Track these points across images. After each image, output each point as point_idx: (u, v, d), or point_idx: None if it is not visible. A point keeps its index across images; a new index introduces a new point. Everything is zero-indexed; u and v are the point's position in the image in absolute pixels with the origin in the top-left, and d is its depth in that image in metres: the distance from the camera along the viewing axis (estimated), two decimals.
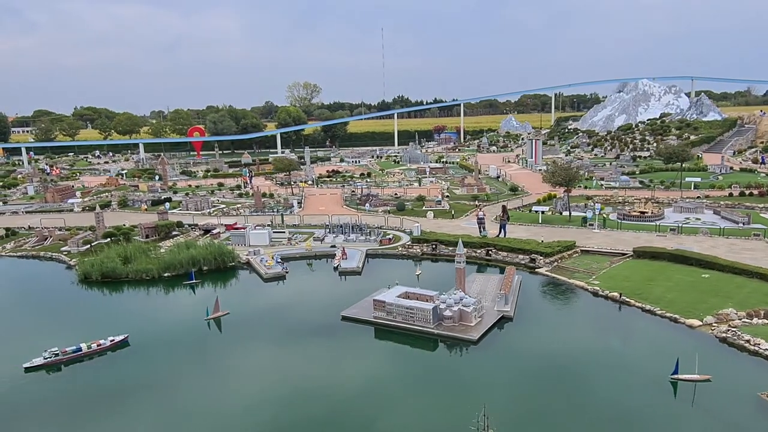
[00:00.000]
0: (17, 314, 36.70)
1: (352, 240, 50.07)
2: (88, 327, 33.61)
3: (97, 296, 40.62)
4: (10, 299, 40.15)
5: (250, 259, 45.85)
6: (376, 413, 23.40)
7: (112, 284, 42.36)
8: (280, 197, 71.25)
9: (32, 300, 39.86)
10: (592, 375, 25.76)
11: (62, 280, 44.96)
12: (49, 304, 38.74)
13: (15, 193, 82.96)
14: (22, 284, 44.56)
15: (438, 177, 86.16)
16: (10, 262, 50.58)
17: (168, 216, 57.00)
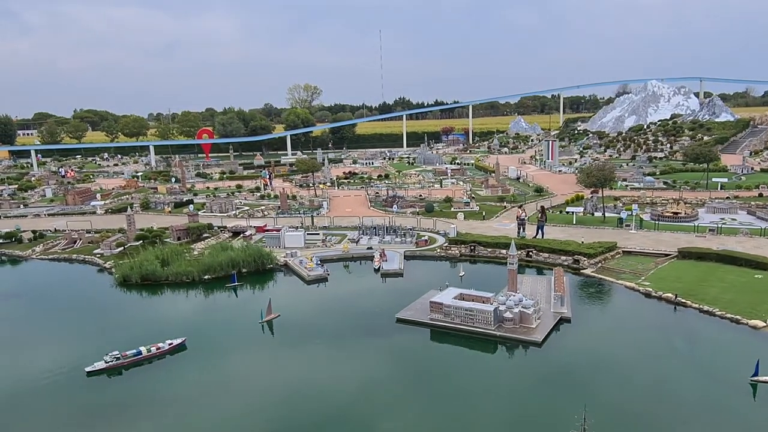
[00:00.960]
0: (68, 317, 36.24)
1: (387, 242, 49.71)
2: (141, 330, 33.21)
3: (142, 299, 40.17)
4: (57, 302, 39.70)
5: (288, 261, 45.48)
6: (459, 414, 23.04)
7: (152, 287, 41.91)
8: (303, 199, 70.91)
9: (79, 303, 39.41)
10: (667, 377, 25.43)
11: (100, 283, 44.50)
12: (96, 307, 38.27)
13: (33, 196, 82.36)
14: (62, 287, 44.06)
15: (458, 178, 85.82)
16: (43, 264, 50.12)
17: (198, 218, 56.52)
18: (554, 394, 24.34)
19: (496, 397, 24.62)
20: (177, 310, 37.54)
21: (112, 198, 77.12)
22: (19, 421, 23.70)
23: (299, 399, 24.94)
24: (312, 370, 27.97)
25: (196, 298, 39.71)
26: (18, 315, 37.39)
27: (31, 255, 52.56)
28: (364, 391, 25.52)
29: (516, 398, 24.56)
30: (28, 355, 30.31)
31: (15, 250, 53.33)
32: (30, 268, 49.56)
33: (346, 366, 28.46)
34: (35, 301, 40.17)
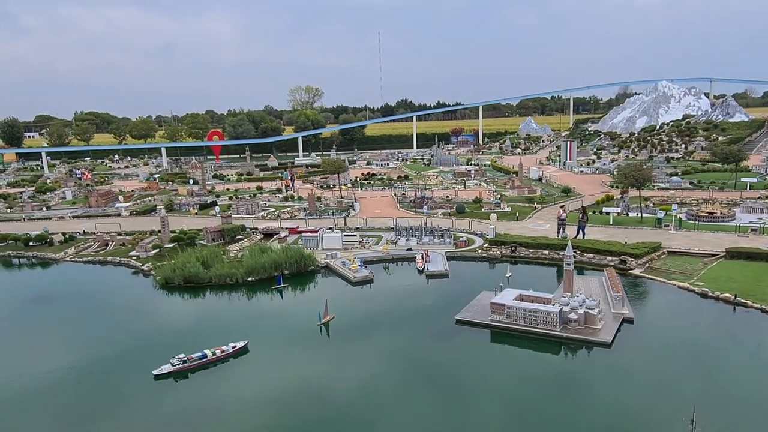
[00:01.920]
0: (121, 320, 35.78)
1: (425, 243, 49.35)
2: (197, 333, 32.87)
3: (190, 301, 39.79)
4: (105, 305, 39.24)
5: (329, 262, 45.11)
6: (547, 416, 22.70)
7: (195, 289, 41.48)
8: (328, 200, 70.53)
9: (128, 306, 38.94)
10: (752, 379, 25.12)
11: (141, 285, 44.14)
12: (147, 309, 37.92)
13: (53, 198, 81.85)
14: (105, 290, 43.56)
15: (479, 179, 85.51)
16: (78, 267, 49.68)
17: (231, 220, 56.13)
18: (637, 396, 24.00)
19: (576, 399, 24.30)
20: (230, 312, 37.15)
21: (134, 200, 76.63)
22: (99, 424, 23.29)
23: (372, 402, 24.60)
24: (379, 372, 27.59)
25: (247, 300, 39.35)
26: (71, 318, 36.94)
27: (64, 257, 52.18)
28: (438, 392, 25.18)
29: (598, 400, 24.23)
30: (94, 357, 29.86)
31: (47, 253, 52.91)
32: (66, 271, 49.12)
33: (415, 367, 28.06)
34: (83, 303, 39.73)
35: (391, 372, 27.57)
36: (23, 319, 36.98)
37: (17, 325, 36.06)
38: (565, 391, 25.10)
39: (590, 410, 23.35)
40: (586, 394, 24.94)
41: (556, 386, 25.56)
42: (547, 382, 25.96)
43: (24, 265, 52.30)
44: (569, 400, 24.21)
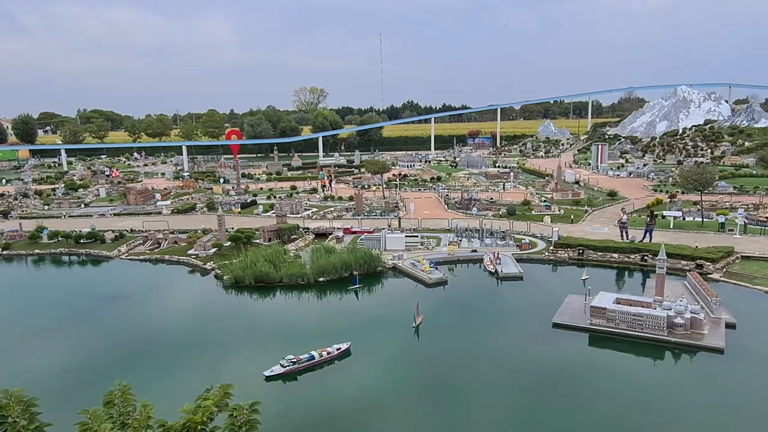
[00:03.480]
0: (208, 321, 35.20)
1: (488, 245, 48.84)
2: (288, 334, 32.34)
3: (270, 301, 39.25)
4: (185, 304, 38.75)
5: (396, 263, 44.56)
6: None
7: (265, 289, 40.94)
8: (369, 200, 69.94)
9: (208, 305, 38.41)
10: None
11: (205, 284, 43.62)
12: (229, 309, 37.35)
13: (87, 195, 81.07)
14: (174, 289, 43.12)
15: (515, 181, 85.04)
16: (135, 265, 49.09)
17: (287, 219, 55.51)
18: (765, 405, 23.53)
19: (695, 405, 23.83)
20: (319, 313, 36.63)
21: (171, 198, 75.93)
22: None
23: (483, 406, 24.18)
24: (482, 375, 27.07)
25: (329, 301, 38.90)
26: (161, 316, 36.24)
27: (118, 255, 51.56)
28: (545, 395, 24.72)
29: (719, 406, 23.70)
30: (211, 359, 29.25)
31: (101, 250, 52.27)
32: (125, 269, 48.47)
33: (518, 370, 27.59)
34: (162, 302, 39.19)
35: (495, 375, 27.06)
36: (111, 319, 36.19)
37: (108, 325, 35.30)
38: (679, 396, 24.74)
39: (712, 414, 22.88)
40: (704, 400, 24.47)
41: (668, 392, 25.20)
42: (657, 388, 25.62)
43: (77, 263, 51.71)
44: (688, 405, 23.84)
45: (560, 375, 27.19)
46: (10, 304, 40.29)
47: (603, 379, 26.81)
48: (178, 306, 38.32)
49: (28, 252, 53.30)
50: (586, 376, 27.08)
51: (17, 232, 56.38)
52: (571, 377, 26.94)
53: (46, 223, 61.08)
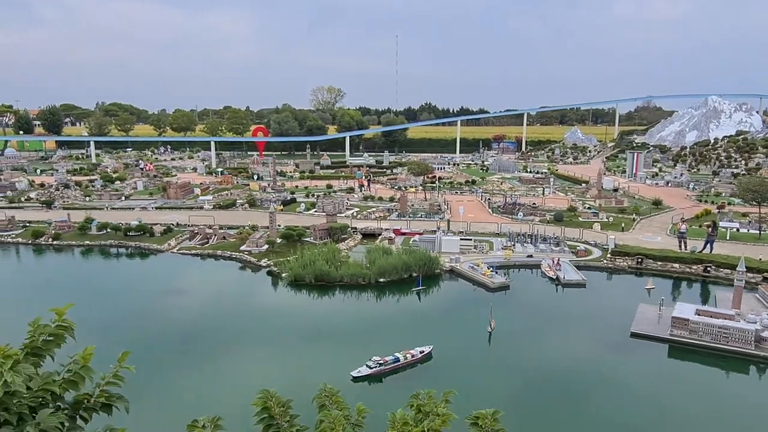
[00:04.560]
0: (282, 317, 35.06)
1: (543, 250, 48.34)
2: (365, 336, 32.09)
3: (334, 301, 39.07)
4: (253, 302, 38.65)
5: (453, 266, 44.21)
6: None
7: (325, 288, 40.71)
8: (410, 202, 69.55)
9: (278, 304, 38.44)
10: None
11: (261, 281, 43.59)
12: (299, 308, 37.25)
13: (125, 188, 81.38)
14: (235, 285, 43.03)
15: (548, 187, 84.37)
16: (186, 259, 49.11)
17: (336, 219, 55.31)
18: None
19: None
20: (385, 314, 36.47)
21: (211, 194, 76.04)
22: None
23: (571, 418, 23.71)
24: (562, 383, 26.65)
25: (396, 301, 38.72)
26: (222, 314, 36.08)
27: (169, 249, 51.62)
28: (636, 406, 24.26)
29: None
30: (303, 358, 29.09)
31: (151, 244, 52.34)
32: (178, 263, 48.53)
33: (601, 379, 27.19)
34: (222, 299, 38.99)
35: (582, 385, 26.63)
36: (176, 314, 36.12)
37: (173, 319, 35.18)
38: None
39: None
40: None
41: (758, 406, 24.81)
42: (744, 399, 25.25)
43: (126, 255, 51.83)
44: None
45: (642, 384, 26.83)
46: (69, 293, 40.33)
47: (687, 392, 26.47)
48: (242, 302, 38.18)
49: (78, 243, 53.48)
50: (667, 386, 26.71)
51: (66, 223, 56.60)
52: (654, 387, 26.57)
53: (89, 214, 61.25)
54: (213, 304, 37.82)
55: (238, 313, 35.75)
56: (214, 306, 37.32)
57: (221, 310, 36.36)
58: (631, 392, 25.93)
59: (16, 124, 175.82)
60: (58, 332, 4.38)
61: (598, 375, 27.92)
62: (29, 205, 69.17)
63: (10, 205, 68.77)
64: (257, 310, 36.52)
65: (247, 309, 36.57)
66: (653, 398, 25.31)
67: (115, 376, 4.42)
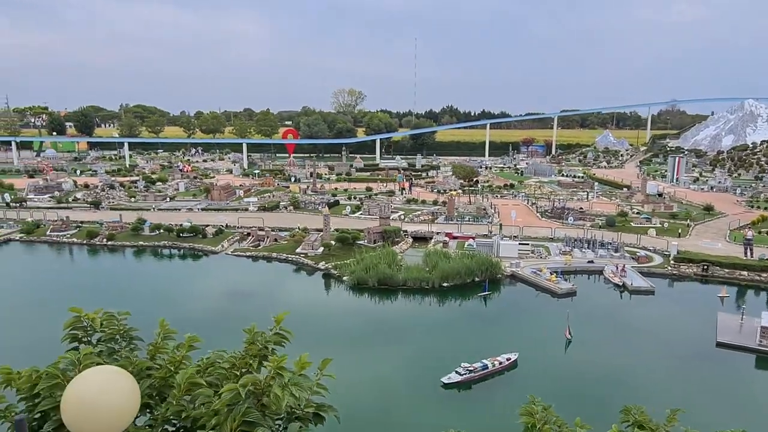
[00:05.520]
0: (354, 320, 34.86)
1: (602, 255, 47.54)
2: (439, 340, 31.70)
3: (403, 305, 38.74)
4: (320, 305, 38.53)
5: (514, 271, 43.64)
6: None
7: (388, 292, 40.45)
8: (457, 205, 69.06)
9: (346, 308, 38.27)
10: None
11: (317, 282, 43.59)
12: (368, 312, 37.06)
13: (167, 189, 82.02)
14: (299, 288, 42.98)
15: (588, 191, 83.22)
16: (241, 261, 49.23)
17: (389, 222, 55.04)
18: None
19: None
20: (456, 319, 36.04)
21: (252, 195, 76.31)
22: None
23: None
24: (666, 397, 25.92)
25: (469, 307, 38.32)
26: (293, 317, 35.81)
27: (222, 250, 51.77)
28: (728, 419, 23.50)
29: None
30: (387, 362, 28.82)
31: (205, 245, 52.53)
32: (234, 264, 48.63)
33: (702, 391, 26.45)
34: (288, 301, 38.92)
35: (672, 396, 25.87)
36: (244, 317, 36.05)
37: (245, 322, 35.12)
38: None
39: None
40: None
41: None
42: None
43: (179, 256, 52.12)
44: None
45: (734, 395, 26.12)
46: (133, 295, 40.47)
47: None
48: (311, 305, 37.97)
49: (131, 243, 53.89)
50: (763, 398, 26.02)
51: (118, 224, 57.10)
52: (746, 397, 25.88)
53: (136, 215, 61.68)
54: (282, 306, 37.57)
55: (309, 315, 35.49)
56: (283, 309, 37.13)
57: (295, 314, 36.00)
58: (724, 403, 25.19)
59: (49, 125, 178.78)
60: (277, 339, 4.39)
61: (688, 385, 27.23)
62: (77, 206, 69.96)
63: (58, 205, 69.68)
64: (327, 314, 36.33)
65: (316, 312, 36.33)
66: (748, 408, 24.57)
67: (318, 385, 4.19)
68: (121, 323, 4.74)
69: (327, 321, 34.68)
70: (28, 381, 3.88)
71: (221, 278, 44.92)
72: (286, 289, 42.12)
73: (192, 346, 4.47)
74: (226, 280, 44.20)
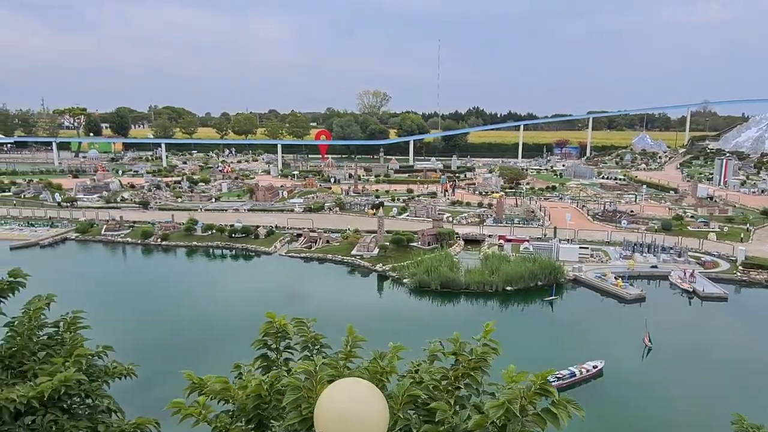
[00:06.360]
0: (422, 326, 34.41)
1: (666, 260, 46.35)
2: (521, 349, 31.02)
3: (468, 309, 38.26)
4: (385, 309, 38.32)
5: (577, 275, 42.78)
6: None
7: (450, 295, 39.97)
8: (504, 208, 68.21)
9: (412, 312, 37.82)
10: None
11: (382, 287, 43.15)
12: (436, 317, 36.59)
13: (210, 190, 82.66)
14: (357, 291, 42.80)
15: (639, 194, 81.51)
16: (295, 262, 49.24)
17: (442, 224, 54.55)
18: None
19: None
20: (526, 324, 35.40)
21: (297, 196, 76.49)
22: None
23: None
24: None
25: (526, 311, 37.72)
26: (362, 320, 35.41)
27: (276, 251, 51.86)
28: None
29: None
30: None
31: (258, 246, 52.66)
32: (289, 265, 48.67)
33: None
34: (354, 304, 38.54)
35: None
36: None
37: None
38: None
39: None
40: None
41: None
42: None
43: (232, 256, 52.43)
44: None
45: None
46: (200, 296, 40.69)
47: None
48: (378, 308, 37.86)
49: (185, 243, 54.32)
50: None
51: (171, 224, 57.62)
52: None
53: (184, 215, 62.14)
54: (349, 309, 37.35)
55: (378, 317, 35.20)
56: (351, 311, 36.89)
57: (365, 316, 35.77)
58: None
59: (86, 126, 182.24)
60: (487, 350, 4.10)
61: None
62: (125, 206, 70.89)
63: (107, 205, 70.67)
64: (392, 316, 35.88)
65: (384, 315, 36.07)
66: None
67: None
68: (311, 330, 4.68)
69: (395, 324, 34.20)
70: (258, 390, 3.95)
71: (281, 279, 44.91)
72: (347, 291, 41.99)
73: (398, 356, 4.25)
74: (287, 281, 44.20)
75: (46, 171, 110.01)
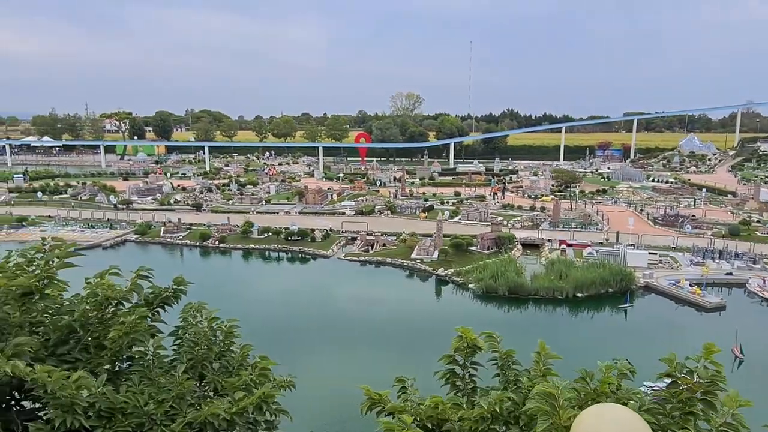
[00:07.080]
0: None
1: (741, 267, 44.56)
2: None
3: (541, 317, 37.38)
4: (455, 315, 37.71)
5: (648, 282, 41.40)
6: None
7: (519, 301, 39.10)
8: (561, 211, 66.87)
9: (487, 320, 37.14)
10: None
11: (447, 292, 42.57)
12: (517, 326, 35.89)
13: (258, 192, 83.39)
14: (422, 296, 42.35)
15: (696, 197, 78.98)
16: (353, 266, 48.99)
17: (501, 227, 53.71)
18: None
19: None
20: (599, 331, 34.45)
21: (347, 198, 76.53)
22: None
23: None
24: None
25: (601, 319, 36.61)
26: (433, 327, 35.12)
27: (333, 255, 51.77)
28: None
29: None
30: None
31: (316, 249, 52.67)
32: (349, 269, 48.50)
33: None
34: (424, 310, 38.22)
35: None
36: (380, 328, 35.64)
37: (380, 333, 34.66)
38: None
39: None
40: None
41: None
42: None
43: (288, 259, 52.56)
44: None
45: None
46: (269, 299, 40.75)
47: None
48: (446, 314, 37.21)
49: (242, 246, 54.67)
50: None
51: (227, 226, 58.16)
52: None
53: (236, 217, 62.64)
54: (418, 315, 37.08)
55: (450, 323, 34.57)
56: (419, 317, 36.49)
57: (441, 322, 35.27)
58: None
59: (131, 129, 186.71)
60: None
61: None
62: (178, 208, 71.93)
63: (161, 207, 71.85)
64: (468, 323, 35.08)
65: (457, 321, 35.22)
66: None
67: None
68: (500, 345, 4.79)
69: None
70: (484, 412, 3.93)
71: (342, 283, 44.90)
72: (411, 296, 41.67)
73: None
74: (348, 284, 44.17)
75: (97, 174, 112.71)
